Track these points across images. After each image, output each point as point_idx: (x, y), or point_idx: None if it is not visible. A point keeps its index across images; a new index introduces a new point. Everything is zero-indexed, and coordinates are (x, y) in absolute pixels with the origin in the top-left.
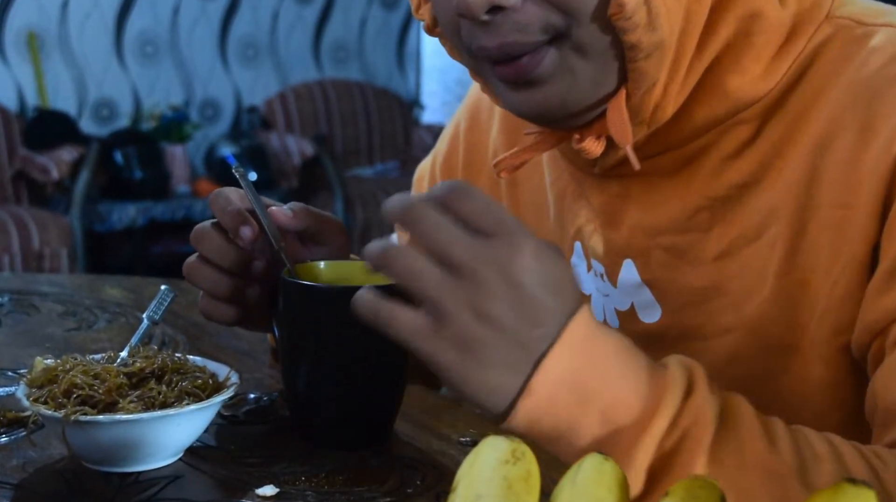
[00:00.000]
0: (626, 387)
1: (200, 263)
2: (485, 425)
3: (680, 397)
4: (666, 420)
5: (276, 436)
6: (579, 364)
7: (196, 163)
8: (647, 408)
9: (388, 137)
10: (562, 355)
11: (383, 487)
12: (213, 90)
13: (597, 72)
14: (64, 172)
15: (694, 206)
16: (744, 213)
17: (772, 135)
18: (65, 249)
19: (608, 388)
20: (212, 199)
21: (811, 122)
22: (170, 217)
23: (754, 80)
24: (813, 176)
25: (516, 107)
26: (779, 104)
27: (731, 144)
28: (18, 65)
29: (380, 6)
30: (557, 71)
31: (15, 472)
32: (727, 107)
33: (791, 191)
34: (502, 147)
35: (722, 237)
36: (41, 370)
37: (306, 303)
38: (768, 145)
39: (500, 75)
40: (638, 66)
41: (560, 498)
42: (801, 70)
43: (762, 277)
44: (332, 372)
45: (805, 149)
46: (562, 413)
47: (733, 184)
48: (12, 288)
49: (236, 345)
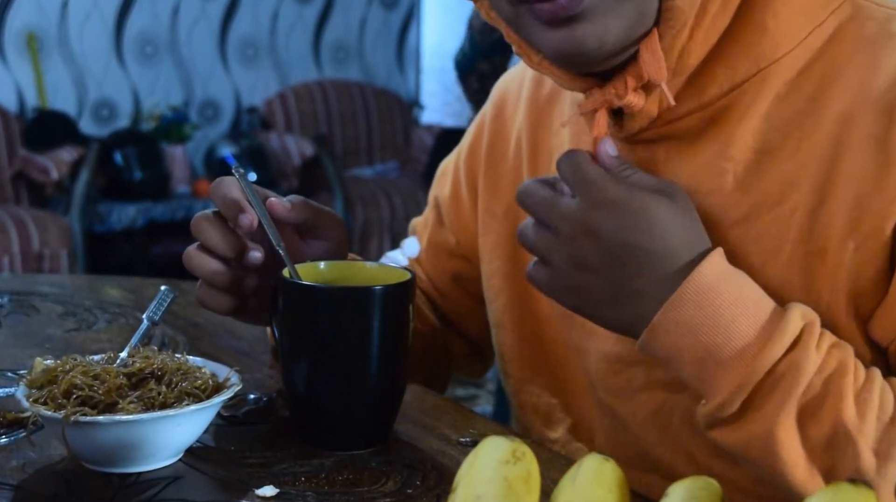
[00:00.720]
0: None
1: (199, 251)
2: (485, 425)
3: (784, 348)
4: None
5: (276, 436)
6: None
7: (196, 163)
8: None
9: (388, 138)
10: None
11: (383, 487)
12: (212, 90)
13: (635, 10)
14: (64, 173)
15: (717, 170)
16: (764, 180)
17: (792, 107)
18: (65, 250)
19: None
20: (212, 188)
21: (834, 97)
22: (170, 217)
23: (776, 38)
24: (837, 150)
25: (554, 45)
26: (799, 77)
27: (752, 109)
28: (18, 65)
29: (380, 6)
30: (598, 8)
31: (15, 473)
32: (748, 65)
33: (813, 162)
34: (526, 133)
35: (742, 202)
36: (41, 371)
37: (306, 303)
38: (789, 116)
39: (540, 13)
40: (675, 4)
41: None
42: (821, 44)
43: (780, 244)
44: (331, 372)
45: (828, 124)
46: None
47: (754, 150)
48: (12, 288)
49: (236, 346)
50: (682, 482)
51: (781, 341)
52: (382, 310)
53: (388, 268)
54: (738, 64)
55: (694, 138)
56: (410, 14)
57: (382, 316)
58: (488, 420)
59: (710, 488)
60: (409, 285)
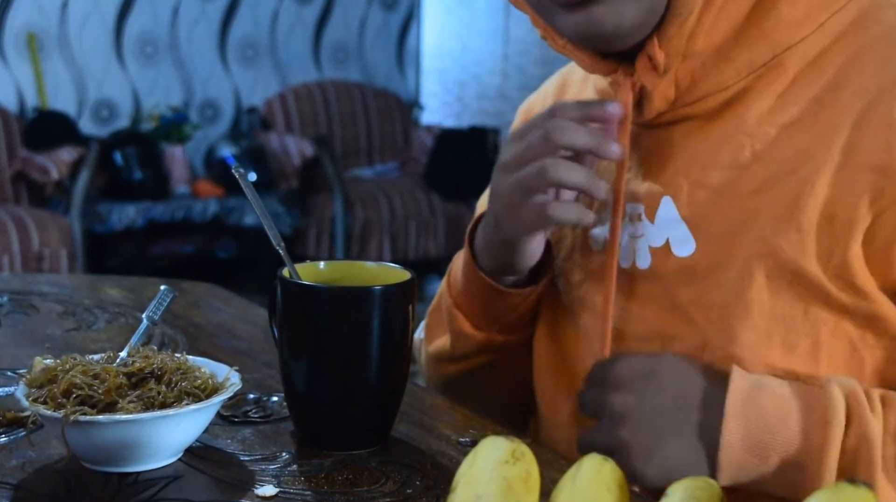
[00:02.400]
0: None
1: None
2: (485, 425)
3: (843, 427)
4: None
5: (276, 436)
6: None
7: (196, 163)
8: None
9: (388, 138)
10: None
11: (383, 487)
12: (212, 91)
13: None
14: (63, 173)
15: (735, 144)
16: (781, 150)
17: (812, 86)
18: (64, 250)
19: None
20: (556, 134)
21: (856, 76)
22: (169, 217)
23: (791, 25)
24: (857, 124)
25: (572, 28)
26: (819, 59)
27: (769, 90)
28: (18, 65)
29: (380, 6)
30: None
31: (14, 472)
32: (765, 50)
33: (831, 134)
34: None
35: (759, 172)
36: (41, 370)
37: (306, 303)
38: (808, 94)
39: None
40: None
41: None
42: (843, 28)
43: (794, 210)
44: (331, 372)
45: (849, 100)
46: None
47: (772, 124)
48: (12, 288)
49: (236, 345)
50: (681, 482)
51: (838, 420)
52: (382, 310)
53: (388, 268)
54: (756, 49)
55: (711, 118)
56: (410, 14)
57: (382, 316)
58: (488, 420)
59: (710, 488)
60: (409, 285)
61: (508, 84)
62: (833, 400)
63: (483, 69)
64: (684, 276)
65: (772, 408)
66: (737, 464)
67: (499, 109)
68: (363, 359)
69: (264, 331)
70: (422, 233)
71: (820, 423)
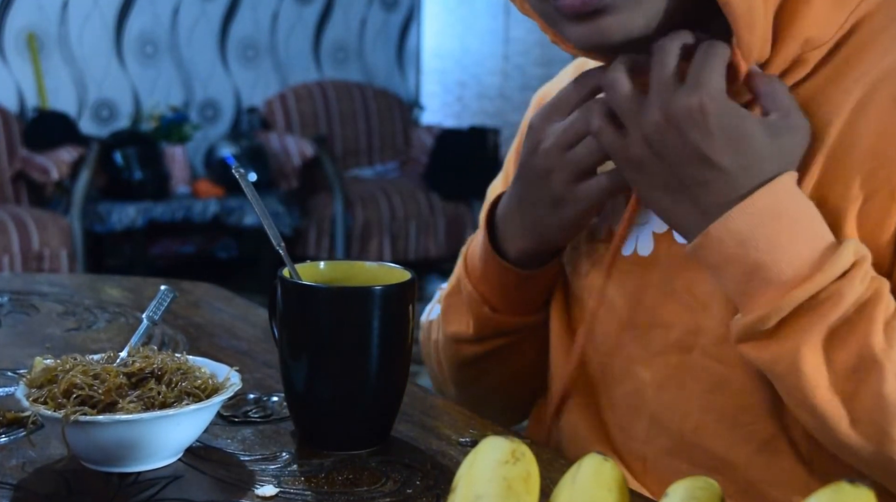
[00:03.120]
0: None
1: None
2: (485, 425)
3: (832, 278)
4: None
5: (276, 436)
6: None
7: (196, 163)
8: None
9: (388, 138)
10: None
11: (383, 487)
12: (212, 91)
13: (661, 3)
14: (64, 173)
15: None
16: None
17: (821, 76)
18: (65, 250)
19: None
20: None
21: (864, 62)
22: (169, 218)
23: (816, 25)
24: (861, 105)
25: (579, 38)
26: (831, 54)
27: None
28: (18, 65)
29: (380, 6)
30: (622, 2)
31: (14, 472)
32: (795, 48)
33: (837, 115)
34: None
35: None
36: (41, 370)
37: (306, 303)
38: (817, 83)
39: (564, 7)
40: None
41: (560, 498)
42: (856, 20)
43: (802, 185)
44: (331, 372)
45: (854, 83)
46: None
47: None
48: (12, 288)
49: (236, 345)
50: (681, 482)
51: (830, 272)
52: (382, 310)
53: (389, 268)
54: (787, 48)
55: None
56: (410, 14)
57: (382, 316)
58: (488, 420)
59: (710, 488)
60: (409, 285)
61: (508, 84)
62: (841, 257)
63: (483, 69)
64: (685, 263)
65: (786, 228)
66: (717, 239)
67: (499, 109)
68: (363, 359)
69: (264, 331)
70: (422, 233)
71: (815, 267)
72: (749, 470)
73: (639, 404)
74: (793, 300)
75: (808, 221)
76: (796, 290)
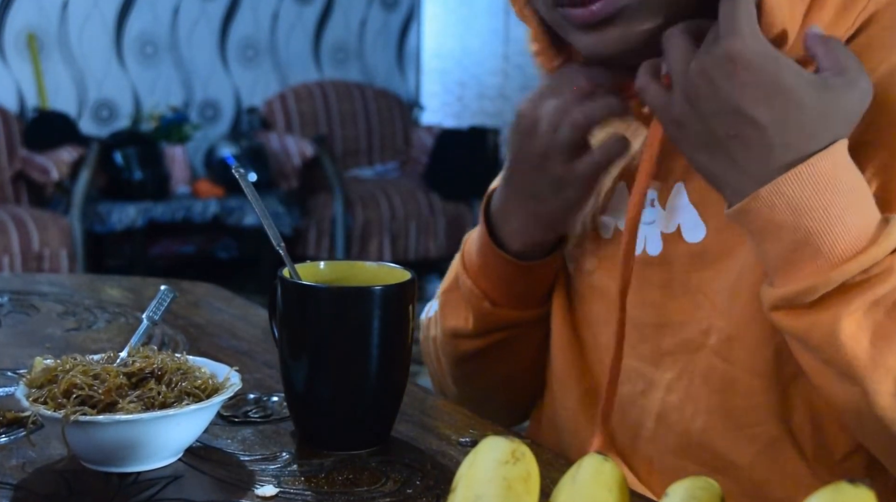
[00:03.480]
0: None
1: None
2: (485, 425)
3: (886, 252)
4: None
5: (276, 436)
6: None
7: (196, 163)
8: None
9: (388, 138)
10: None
11: (383, 487)
12: (212, 91)
13: (669, 10)
14: (64, 173)
15: None
16: None
17: None
18: (64, 250)
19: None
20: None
21: (876, 57)
22: (169, 218)
23: (827, 27)
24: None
25: (587, 47)
26: None
27: None
28: (18, 65)
29: (380, 7)
30: (630, 12)
31: (14, 472)
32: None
33: None
34: None
35: None
36: (41, 370)
37: (306, 303)
38: None
39: (574, 17)
40: None
41: (560, 498)
42: (868, 16)
43: None
44: (331, 372)
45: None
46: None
47: None
48: (12, 288)
49: (236, 345)
50: (681, 482)
51: (885, 245)
52: (382, 310)
53: (389, 268)
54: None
55: None
56: (410, 15)
57: (382, 316)
58: (488, 420)
59: (710, 488)
60: (409, 285)
61: (508, 84)
62: (894, 230)
63: (483, 69)
64: (695, 262)
65: (842, 196)
66: (766, 203)
67: (499, 109)
68: (363, 359)
69: (264, 331)
70: (422, 233)
71: (869, 240)
72: (753, 471)
73: (646, 403)
74: (844, 273)
75: (862, 192)
76: (849, 264)
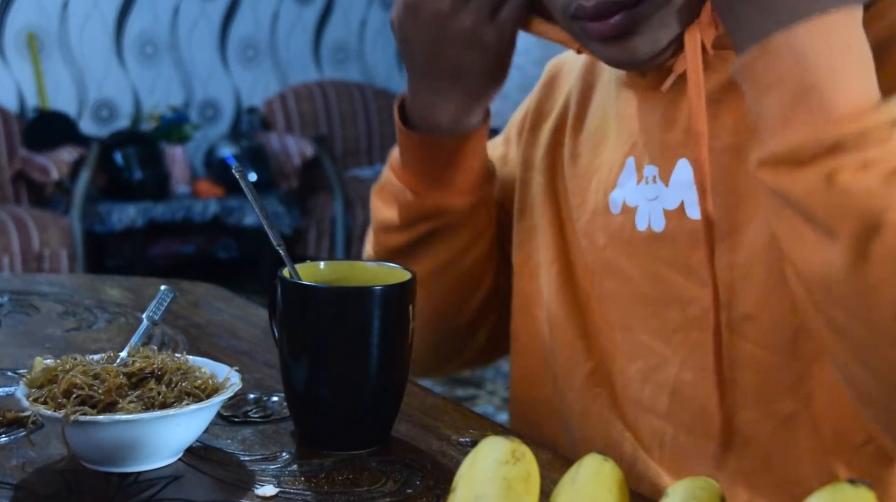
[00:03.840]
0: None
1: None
2: (485, 425)
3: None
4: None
5: (276, 436)
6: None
7: (196, 163)
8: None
9: (388, 138)
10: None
11: (383, 487)
12: (212, 91)
13: (685, 15)
14: (64, 173)
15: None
16: None
17: None
18: (65, 250)
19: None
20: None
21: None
22: (169, 218)
23: None
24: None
25: (609, 58)
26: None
27: None
28: (18, 65)
29: (380, 6)
30: (648, 23)
31: (14, 472)
32: None
33: None
34: (576, 93)
35: None
36: (41, 370)
37: (306, 303)
38: None
39: (593, 31)
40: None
41: (560, 498)
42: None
43: None
44: (331, 372)
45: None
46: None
47: None
48: (12, 288)
49: (236, 345)
50: (681, 482)
51: (884, 115)
52: (382, 310)
53: (389, 268)
54: None
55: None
56: None
57: (382, 316)
58: (488, 420)
59: (710, 488)
60: (409, 285)
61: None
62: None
63: None
64: (698, 239)
65: (853, 53)
66: (774, 53)
67: (499, 109)
68: (363, 359)
69: (264, 331)
70: None
71: (877, 101)
72: (769, 446)
73: (660, 379)
74: (840, 128)
75: (869, 65)
76: (847, 122)
